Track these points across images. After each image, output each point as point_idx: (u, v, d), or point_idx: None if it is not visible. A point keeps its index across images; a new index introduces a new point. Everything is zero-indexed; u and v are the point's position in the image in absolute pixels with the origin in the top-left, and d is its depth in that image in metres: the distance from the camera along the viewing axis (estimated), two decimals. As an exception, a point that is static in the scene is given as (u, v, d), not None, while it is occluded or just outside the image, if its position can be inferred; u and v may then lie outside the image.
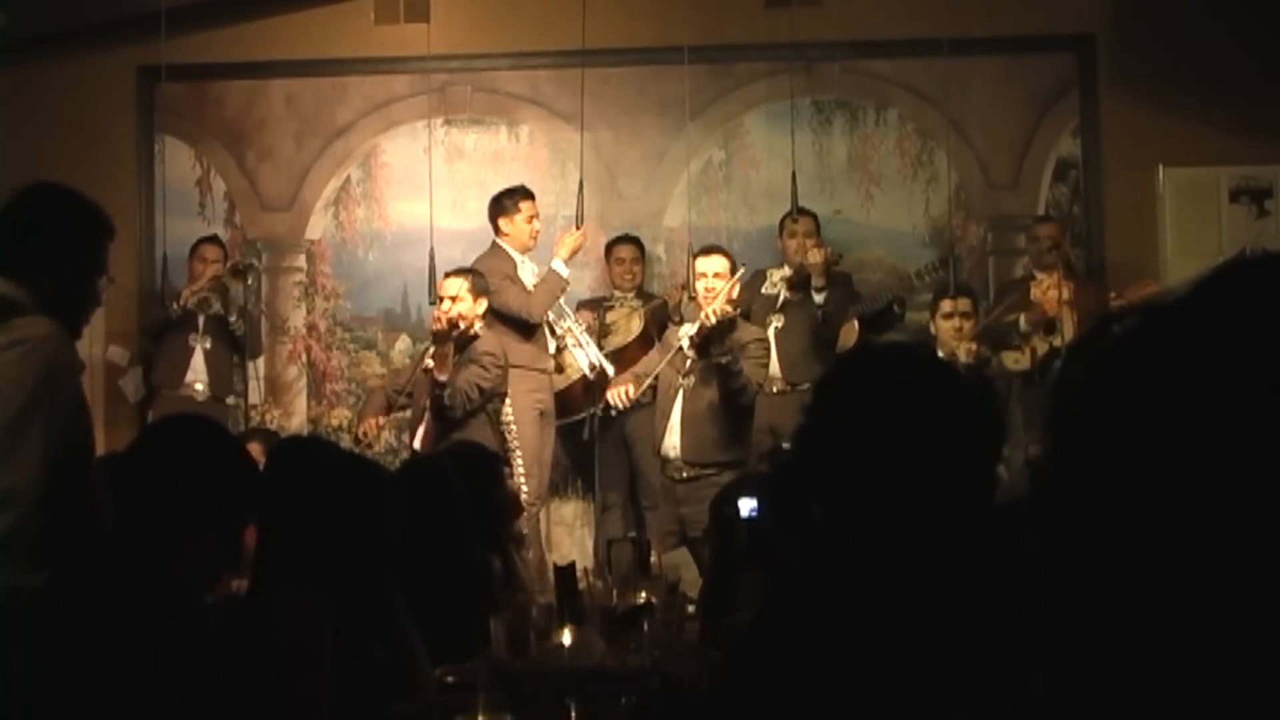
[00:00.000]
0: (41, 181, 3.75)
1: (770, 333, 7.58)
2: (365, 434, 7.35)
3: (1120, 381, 0.70)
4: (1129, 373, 0.70)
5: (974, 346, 7.29)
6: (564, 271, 7.55)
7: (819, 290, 7.56)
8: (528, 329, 7.44)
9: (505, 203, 7.67)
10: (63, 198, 3.72)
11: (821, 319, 7.57)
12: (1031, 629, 0.72)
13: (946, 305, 7.49)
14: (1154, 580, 0.66)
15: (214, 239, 8.25)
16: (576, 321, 7.76)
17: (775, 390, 7.39)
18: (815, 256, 7.55)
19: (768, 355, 7.35)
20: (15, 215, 3.59)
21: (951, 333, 7.40)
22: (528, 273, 7.57)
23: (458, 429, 7.01)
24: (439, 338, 7.12)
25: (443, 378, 7.05)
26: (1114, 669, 0.68)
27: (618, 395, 7.30)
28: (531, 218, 7.64)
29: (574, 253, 7.63)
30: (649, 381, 7.21)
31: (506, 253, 7.58)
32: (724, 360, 6.96)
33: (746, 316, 7.47)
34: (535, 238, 7.65)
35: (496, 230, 7.67)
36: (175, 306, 7.94)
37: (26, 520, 3.31)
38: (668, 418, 7.21)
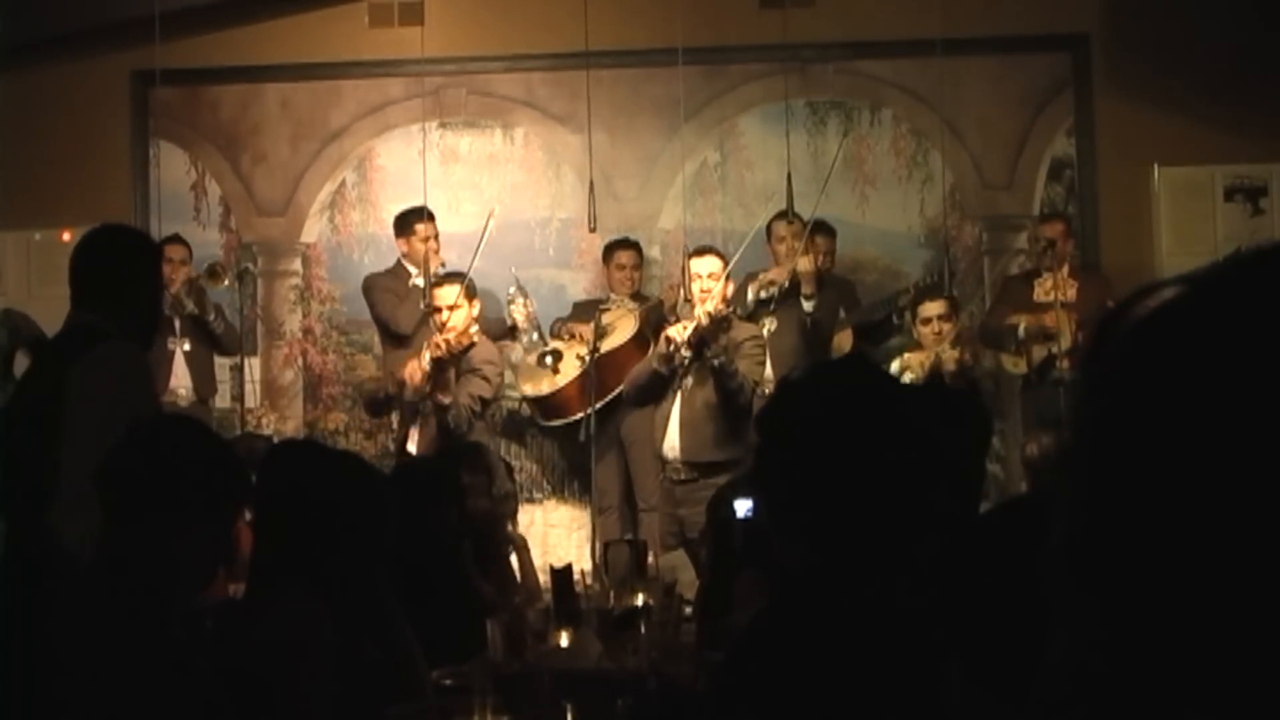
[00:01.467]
0: (103, 225, 4.54)
1: (764, 334, 7.57)
2: (410, 377, 7.32)
3: (1160, 349, 0.70)
4: (1170, 340, 0.70)
5: (957, 354, 7.23)
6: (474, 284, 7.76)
7: (808, 298, 7.56)
8: None
9: (402, 224, 8.05)
10: (119, 236, 4.54)
11: (810, 326, 7.56)
12: (1056, 601, 0.72)
13: (925, 310, 7.44)
14: (1192, 552, 0.66)
15: (176, 238, 8.22)
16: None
17: (768, 392, 7.38)
18: (805, 265, 7.54)
19: (764, 353, 7.34)
20: (84, 256, 4.33)
21: (931, 337, 7.36)
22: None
23: (464, 438, 7.08)
24: (440, 365, 7.14)
25: (446, 401, 7.08)
26: (1147, 640, 0.68)
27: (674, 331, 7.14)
28: (427, 238, 7.94)
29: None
30: (660, 412, 7.17)
31: (404, 268, 7.97)
32: (718, 362, 6.94)
33: (749, 317, 7.48)
34: (432, 256, 7.89)
35: (399, 248, 8.06)
36: None
37: None
38: (666, 419, 7.19)
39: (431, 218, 8.02)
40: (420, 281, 7.81)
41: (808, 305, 7.56)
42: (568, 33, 7.86)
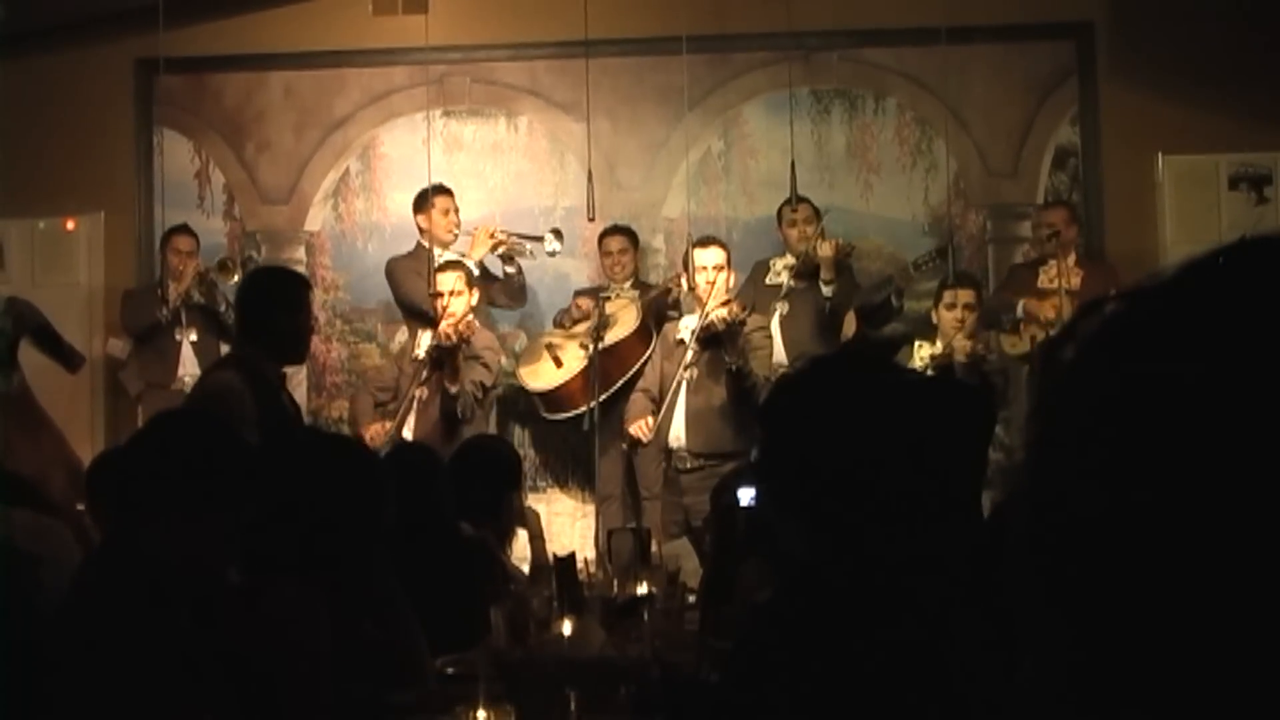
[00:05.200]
0: (262, 266, 6.04)
1: (775, 320, 7.57)
2: (373, 440, 7.35)
3: (1099, 371, 0.69)
4: (1112, 359, 0.69)
5: (969, 344, 7.21)
6: (473, 271, 7.76)
7: (827, 283, 7.54)
8: None
9: (420, 201, 7.99)
10: (275, 276, 5.98)
11: (829, 310, 7.56)
12: (1020, 617, 0.71)
13: (949, 295, 7.44)
14: (1143, 573, 0.66)
15: (184, 228, 8.23)
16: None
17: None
18: (826, 250, 7.52)
19: (770, 344, 7.34)
20: (240, 295, 5.63)
21: (953, 323, 7.33)
22: None
23: (466, 425, 7.09)
24: (448, 352, 7.13)
25: (454, 389, 7.10)
26: (1112, 650, 0.67)
27: (640, 429, 7.29)
28: (446, 212, 7.93)
29: (493, 249, 7.77)
30: (666, 402, 7.21)
31: (424, 248, 7.85)
32: (735, 366, 6.96)
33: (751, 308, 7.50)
34: (453, 231, 7.89)
35: (418, 226, 7.97)
36: (164, 313, 7.94)
37: None
38: (672, 409, 7.20)
39: (449, 192, 8.00)
40: (440, 262, 7.77)
41: (826, 290, 7.55)
42: (571, 21, 7.84)
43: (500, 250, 7.88)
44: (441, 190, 7.99)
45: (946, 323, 7.37)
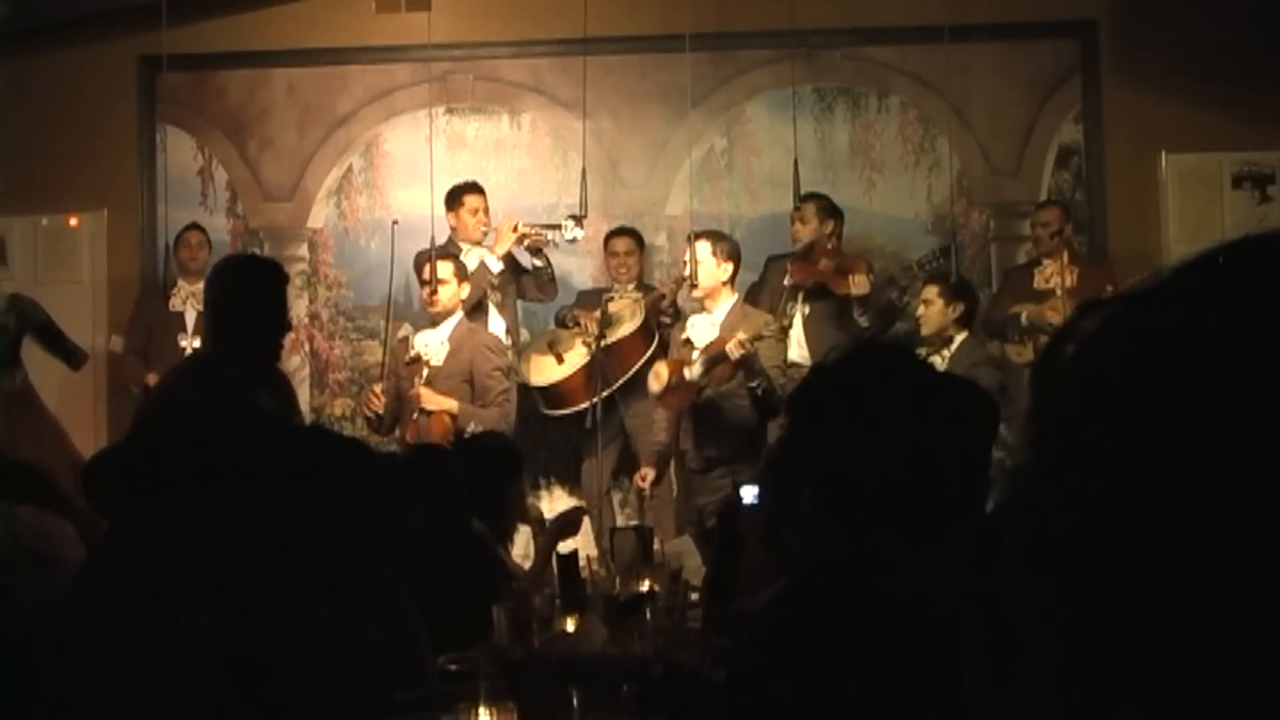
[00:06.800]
0: (229, 255, 5.16)
1: (798, 320, 7.49)
2: (371, 402, 7.35)
3: (1099, 371, 0.69)
4: (1111, 360, 0.69)
5: (945, 356, 7.13)
6: (494, 266, 7.76)
7: (862, 314, 7.41)
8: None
9: (451, 198, 7.96)
10: (231, 266, 5.37)
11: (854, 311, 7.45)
12: (1016, 623, 0.71)
13: (924, 292, 7.39)
14: (1139, 579, 0.66)
15: (195, 226, 8.25)
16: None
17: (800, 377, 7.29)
18: (862, 287, 7.31)
19: (782, 346, 7.31)
20: (206, 286, 5.09)
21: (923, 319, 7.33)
22: (473, 261, 7.67)
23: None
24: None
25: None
26: (1104, 662, 0.67)
27: (639, 479, 7.31)
28: (475, 211, 7.90)
29: (518, 242, 7.78)
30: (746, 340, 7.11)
31: (455, 245, 7.83)
32: (761, 389, 6.93)
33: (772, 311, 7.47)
34: (482, 229, 7.88)
35: (449, 224, 7.95)
36: (172, 305, 7.96)
37: None
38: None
39: (481, 190, 7.99)
40: (469, 258, 7.70)
41: (863, 321, 7.32)
42: (575, 18, 7.85)
43: (526, 243, 7.87)
44: (472, 188, 7.97)
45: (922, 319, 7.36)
